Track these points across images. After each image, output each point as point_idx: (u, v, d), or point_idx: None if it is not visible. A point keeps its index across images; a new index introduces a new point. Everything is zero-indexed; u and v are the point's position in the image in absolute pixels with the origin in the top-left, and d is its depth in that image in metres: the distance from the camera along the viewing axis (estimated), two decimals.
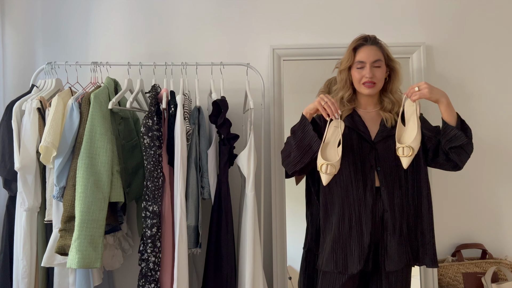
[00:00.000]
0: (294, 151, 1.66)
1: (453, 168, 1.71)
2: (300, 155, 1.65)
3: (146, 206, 1.76)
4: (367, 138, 1.72)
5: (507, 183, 2.22)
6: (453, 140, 1.61)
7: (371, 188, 1.68)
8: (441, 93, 1.61)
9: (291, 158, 1.68)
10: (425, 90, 1.58)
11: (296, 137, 1.66)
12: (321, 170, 1.58)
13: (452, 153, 1.64)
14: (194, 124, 1.88)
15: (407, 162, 1.58)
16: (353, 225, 1.67)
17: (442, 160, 1.69)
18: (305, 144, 1.63)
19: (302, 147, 1.64)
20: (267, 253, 2.12)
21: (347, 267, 1.66)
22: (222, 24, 2.26)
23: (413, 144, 1.57)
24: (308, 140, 1.63)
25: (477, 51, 2.24)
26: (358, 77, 1.71)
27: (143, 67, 1.98)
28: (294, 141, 1.66)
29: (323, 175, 1.59)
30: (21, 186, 1.79)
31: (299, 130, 1.66)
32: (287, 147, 1.71)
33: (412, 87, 1.61)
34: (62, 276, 1.83)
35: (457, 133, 1.60)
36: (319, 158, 1.59)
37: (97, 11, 2.27)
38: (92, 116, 1.74)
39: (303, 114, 1.67)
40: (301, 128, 1.66)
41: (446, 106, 1.61)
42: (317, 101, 1.62)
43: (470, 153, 1.67)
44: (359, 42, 1.73)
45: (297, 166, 1.67)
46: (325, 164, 1.57)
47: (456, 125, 1.61)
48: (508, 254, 2.19)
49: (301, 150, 1.64)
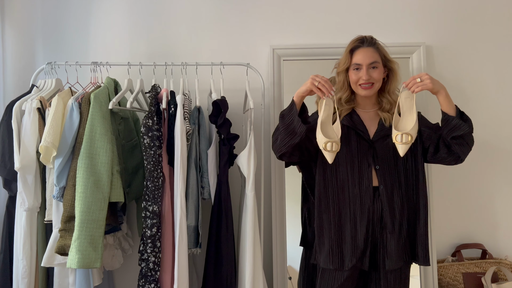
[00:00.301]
0: (281, 134, 1.66)
1: (455, 161, 1.71)
2: (286, 138, 1.65)
3: (146, 206, 1.76)
4: (366, 137, 1.72)
5: (507, 183, 2.22)
6: (455, 129, 1.61)
7: (368, 187, 1.68)
8: (441, 84, 1.63)
9: (278, 141, 1.68)
10: (428, 81, 1.58)
11: (284, 121, 1.65)
12: (326, 148, 1.58)
13: (454, 144, 1.64)
14: (194, 124, 1.88)
15: (404, 149, 1.57)
16: (347, 222, 1.68)
17: (443, 154, 1.69)
18: (290, 128, 1.63)
19: (288, 131, 1.64)
20: (267, 253, 2.12)
21: (344, 264, 1.67)
22: (222, 24, 2.26)
23: (412, 131, 1.57)
24: (294, 125, 1.62)
25: (477, 51, 2.24)
26: (355, 78, 1.71)
27: (143, 67, 1.98)
28: (281, 125, 1.66)
29: (327, 153, 1.59)
30: (21, 186, 1.79)
31: (287, 115, 1.65)
32: (276, 132, 1.71)
33: (413, 78, 1.60)
34: (62, 276, 1.83)
35: (458, 122, 1.61)
36: (321, 137, 1.59)
37: (97, 11, 2.27)
38: (92, 116, 1.74)
39: (294, 98, 1.65)
40: (288, 113, 1.65)
41: (445, 97, 1.62)
42: (310, 82, 1.61)
43: (471, 145, 1.68)
44: (355, 44, 1.73)
45: (282, 149, 1.68)
46: (329, 142, 1.57)
47: (456, 115, 1.62)
48: (508, 254, 2.19)
49: (287, 134, 1.64)
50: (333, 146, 1.57)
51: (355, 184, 1.69)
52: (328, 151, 1.58)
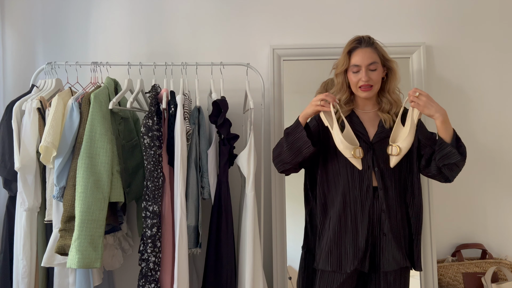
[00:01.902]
0: (285, 153, 1.68)
1: (444, 181, 1.72)
2: (291, 157, 1.67)
3: (146, 206, 1.76)
4: (365, 139, 1.72)
5: (506, 183, 2.22)
6: (447, 157, 1.61)
7: (368, 189, 1.68)
8: (437, 108, 1.57)
9: (282, 158, 1.71)
10: (421, 102, 1.56)
11: (288, 140, 1.67)
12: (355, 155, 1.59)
13: (444, 168, 1.65)
14: (194, 124, 1.88)
15: (394, 161, 1.62)
16: (348, 224, 1.68)
17: (434, 171, 1.69)
18: (295, 147, 1.65)
19: (293, 150, 1.66)
20: (267, 253, 2.12)
21: (341, 266, 1.66)
22: (222, 24, 2.26)
23: (402, 144, 1.59)
24: (299, 144, 1.65)
25: (477, 51, 2.24)
26: (355, 80, 1.71)
27: (143, 67, 1.98)
28: (286, 143, 1.68)
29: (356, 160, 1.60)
30: (21, 186, 1.79)
31: (291, 134, 1.67)
32: (279, 148, 1.73)
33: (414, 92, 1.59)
34: (62, 276, 1.83)
35: (451, 150, 1.60)
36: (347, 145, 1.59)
37: (97, 11, 2.27)
38: (92, 116, 1.74)
39: (299, 119, 1.67)
40: (293, 132, 1.67)
41: (442, 122, 1.58)
42: (313, 105, 1.63)
43: (461, 168, 1.68)
44: (353, 45, 1.72)
45: (286, 166, 1.72)
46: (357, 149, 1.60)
47: (451, 141, 1.60)
48: (508, 254, 2.19)
49: (292, 153, 1.67)
50: (360, 152, 1.60)
51: (355, 186, 1.69)
52: (357, 157, 1.60)
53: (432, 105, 1.57)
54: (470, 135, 2.18)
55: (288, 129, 1.70)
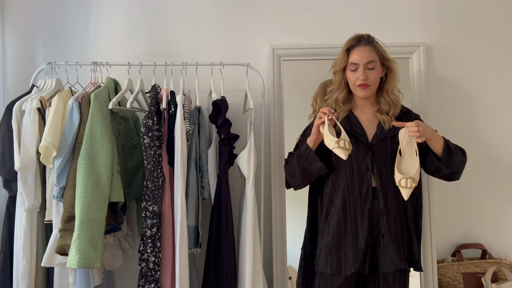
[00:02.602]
0: (298, 176, 1.74)
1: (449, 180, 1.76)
2: (306, 180, 1.75)
3: (146, 206, 1.76)
4: (364, 141, 1.71)
5: (507, 183, 2.22)
6: (437, 171, 1.69)
7: (368, 190, 1.68)
8: (429, 130, 1.62)
9: (295, 180, 1.77)
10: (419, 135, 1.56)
11: (300, 164, 1.71)
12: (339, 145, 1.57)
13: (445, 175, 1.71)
14: (194, 124, 1.88)
15: (408, 193, 1.57)
16: (348, 227, 1.68)
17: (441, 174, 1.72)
18: (308, 172, 1.71)
19: (306, 174, 1.72)
20: (267, 253, 2.12)
21: (341, 269, 1.66)
22: (222, 24, 2.26)
23: (415, 175, 1.57)
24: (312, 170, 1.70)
25: (477, 51, 2.24)
26: (353, 79, 1.70)
27: (143, 67, 1.98)
28: (298, 167, 1.72)
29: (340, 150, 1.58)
30: (21, 186, 1.79)
31: (303, 158, 1.70)
32: (292, 169, 1.76)
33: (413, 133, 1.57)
34: (62, 276, 1.83)
35: (439, 165, 1.66)
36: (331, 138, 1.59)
37: (97, 11, 2.27)
38: (92, 116, 1.74)
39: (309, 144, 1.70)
40: (304, 157, 1.70)
41: (433, 140, 1.63)
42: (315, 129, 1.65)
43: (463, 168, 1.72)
44: (352, 43, 1.71)
45: (300, 187, 1.80)
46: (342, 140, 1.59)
47: (442, 153, 1.64)
48: (508, 254, 2.19)
49: (307, 176, 1.73)
50: (345, 144, 1.59)
51: (355, 188, 1.68)
52: (342, 147, 1.57)
53: (425, 131, 1.59)
54: (470, 135, 2.18)
55: (299, 152, 1.73)
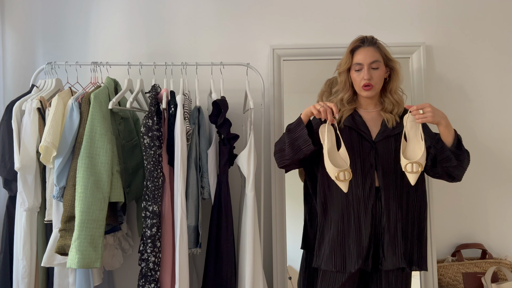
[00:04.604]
0: (287, 148, 1.69)
1: (451, 180, 1.74)
2: (291, 154, 1.68)
3: (146, 206, 1.76)
4: (368, 138, 1.72)
5: (507, 183, 2.22)
6: (446, 161, 1.64)
7: (371, 188, 1.68)
8: (442, 115, 1.61)
9: (282, 153, 1.72)
10: (429, 114, 1.56)
11: (290, 136, 1.68)
12: (338, 178, 1.55)
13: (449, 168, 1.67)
14: (194, 124, 1.88)
15: (415, 178, 1.57)
16: (352, 224, 1.68)
17: (440, 171, 1.70)
18: (296, 145, 1.66)
19: (294, 147, 1.67)
20: (267, 253, 2.12)
21: (346, 266, 1.66)
22: (222, 24, 2.26)
23: (421, 160, 1.56)
24: (300, 142, 1.65)
25: (477, 51, 2.24)
26: (358, 79, 1.72)
27: (143, 67, 1.98)
28: (288, 139, 1.69)
29: (341, 183, 1.56)
30: (21, 186, 1.79)
31: (293, 131, 1.68)
32: (280, 143, 1.73)
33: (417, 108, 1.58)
34: (62, 276, 1.83)
35: (449, 155, 1.62)
36: (332, 167, 1.56)
37: (97, 11, 2.27)
38: (92, 116, 1.74)
39: (301, 116, 1.68)
40: (295, 129, 1.68)
41: (445, 127, 1.61)
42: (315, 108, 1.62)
43: (466, 167, 1.70)
44: (356, 44, 1.73)
45: (286, 162, 1.73)
46: (341, 171, 1.55)
47: (451, 145, 1.62)
48: (508, 254, 2.19)
49: (293, 150, 1.67)
50: (345, 175, 1.55)
51: (358, 185, 1.69)
52: (341, 180, 1.55)
53: (437, 112, 1.59)
54: (470, 135, 2.18)
55: (290, 126, 1.70)
